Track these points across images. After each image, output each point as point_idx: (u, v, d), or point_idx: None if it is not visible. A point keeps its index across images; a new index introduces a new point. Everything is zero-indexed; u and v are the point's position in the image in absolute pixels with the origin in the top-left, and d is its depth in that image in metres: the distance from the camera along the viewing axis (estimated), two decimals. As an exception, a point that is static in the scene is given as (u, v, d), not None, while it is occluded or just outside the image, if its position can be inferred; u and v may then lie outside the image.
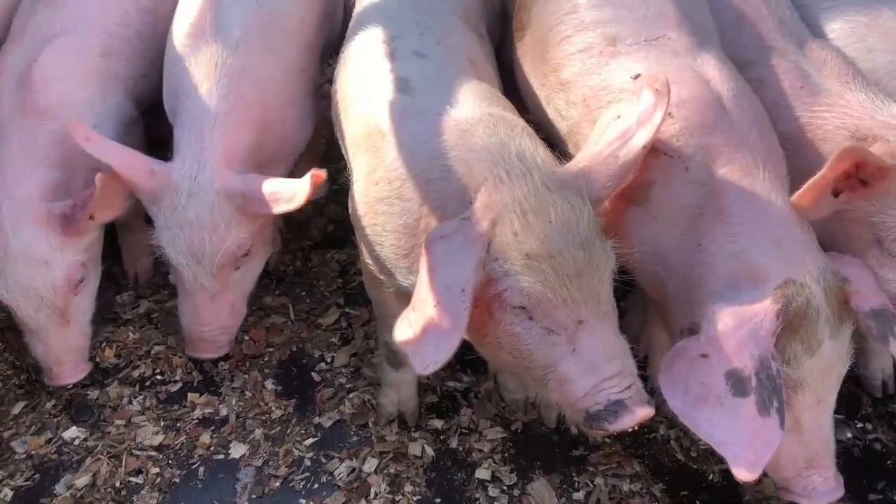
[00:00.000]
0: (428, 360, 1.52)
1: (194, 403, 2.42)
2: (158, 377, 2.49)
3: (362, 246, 2.01)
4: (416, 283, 1.61)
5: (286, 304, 2.68)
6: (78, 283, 2.21)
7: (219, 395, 2.44)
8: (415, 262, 1.74)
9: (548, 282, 1.55)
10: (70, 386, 2.39)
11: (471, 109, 1.82)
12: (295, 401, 2.42)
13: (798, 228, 1.73)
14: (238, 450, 2.29)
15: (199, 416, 2.38)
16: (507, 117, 1.81)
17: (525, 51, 2.24)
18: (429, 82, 1.94)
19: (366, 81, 2.03)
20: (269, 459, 2.27)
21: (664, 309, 1.89)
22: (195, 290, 2.18)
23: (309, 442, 2.31)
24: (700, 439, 1.64)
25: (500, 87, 2.14)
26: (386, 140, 1.87)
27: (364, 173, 1.92)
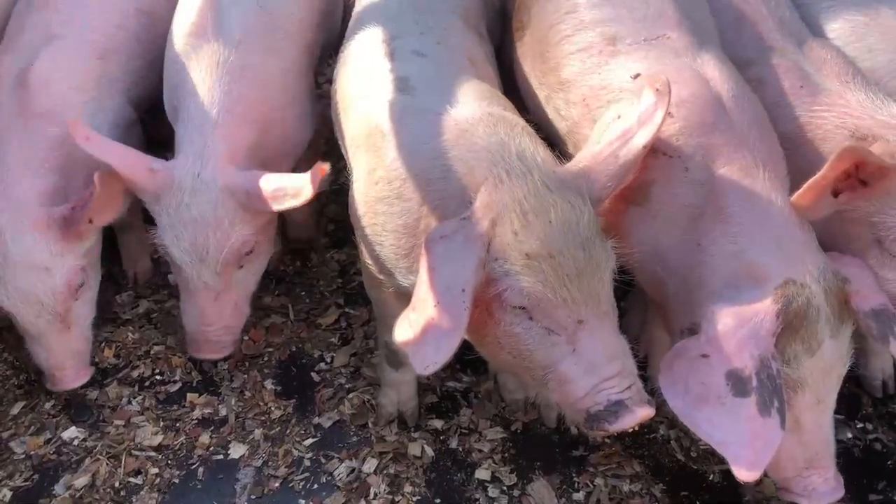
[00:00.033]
0: (428, 360, 1.52)
1: (194, 404, 2.41)
2: (158, 377, 2.48)
3: (362, 246, 2.01)
4: (415, 283, 1.61)
5: (286, 304, 2.68)
6: (78, 287, 2.20)
7: (218, 395, 2.44)
8: (415, 262, 1.74)
9: (548, 282, 1.55)
10: (70, 387, 2.38)
11: (471, 109, 1.81)
12: (294, 401, 2.42)
13: (798, 228, 1.73)
14: (237, 450, 2.29)
15: (199, 417, 2.37)
16: (508, 117, 1.81)
17: (525, 50, 2.24)
18: (429, 82, 1.94)
19: (366, 81, 2.03)
20: (269, 460, 2.27)
21: (664, 309, 1.88)
22: (198, 289, 2.16)
23: (308, 442, 2.31)
24: (700, 439, 1.64)
25: (501, 87, 2.13)
26: (386, 140, 1.86)
27: (364, 173, 1.92)
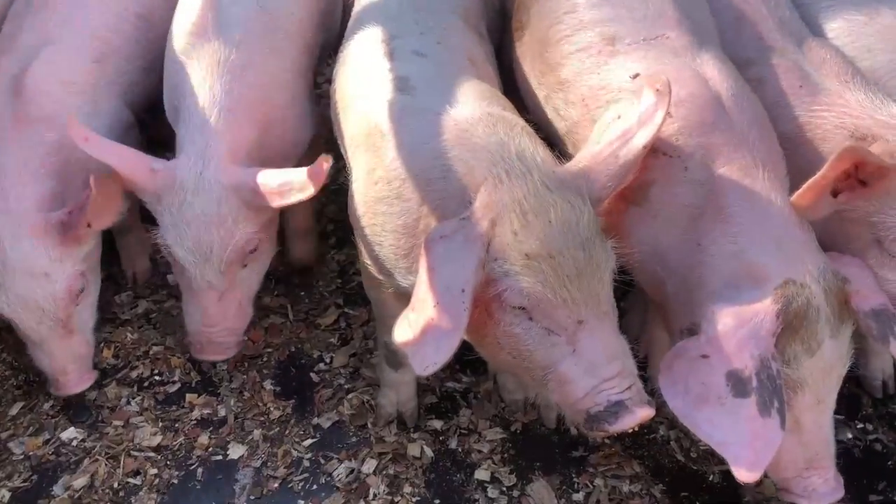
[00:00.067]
0: (427, 360, 1.52)
1: (193, 404, 2.41)
2: (157, 378, 2.48)
3: (361, 246, 2.01)
4: (415, 283, 1.61)
5: (285, 305, 2.68)
6: (79, 293, 2.19)
7: (217, 395, 2.43)
8: (414, 263, 1.74)
9: (547, 282, 1.55)
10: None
11: (470, 109, 1.81)
12: (294, 401, 2.41)
13: (798, 228, 1.73)
14: (236, 450, 2.28)
15: (198, 417, 2.37)
16: (507, 117, 1.81)
17: (524, 50, 2.24)
18: (429, 82, 1.94)
19: (365, 81, 2.02)
20: (268, 460, 2.26)
21: (664, 309, 1.88)
22: (202, 289, 2.14)
23: (308, 443, 2.31)
24: (700, 440, 1.63)
25: (500, 87, 2.13)
26: (385, 140, 1.86)
27: (363, 173, 1.91)
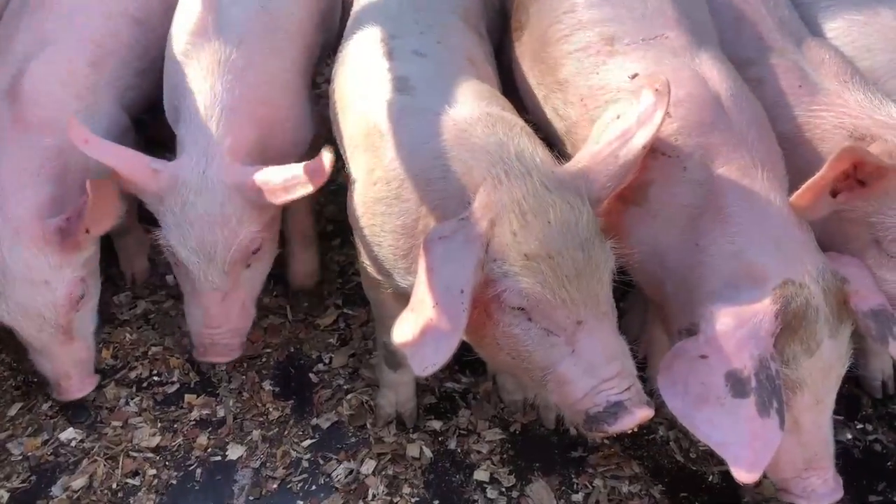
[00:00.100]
0: (427, 361, 1.51)
1: (191, 405, 2.41)
2: (155, 378, 2.48)
3: (360, 246, 2.00)
4: (414, 283, 1.60)
5: (284, 305, 2.67)
6: (79, 299, 2.18)
7: (216, 396, 2.43)
8: (413, 263, 1.74)
9: (547, 283, 1.55)
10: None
11: (470, 109, 1.81)
12: (293, 402, 2.41)
13: (797, 228, 1.73)
14: (235, 451, 2.28)
15: (197, 418, 2.37)
16: (506, 117, 1.81)
17: (523, 50, 2.24)
18: (428, 82, 1.93)
19: (364, 80, 2.02)
20: (267, 461, 2.26)
21: (663, 309, 1.88)
22: (205, 290, 2.12)
23: (307, 443, 2.31)
24: (699, 440, 1.63)
25: (500, 87, 2.13)
26: (384, 140, 1.86)
27: (362, 173, 1.91)
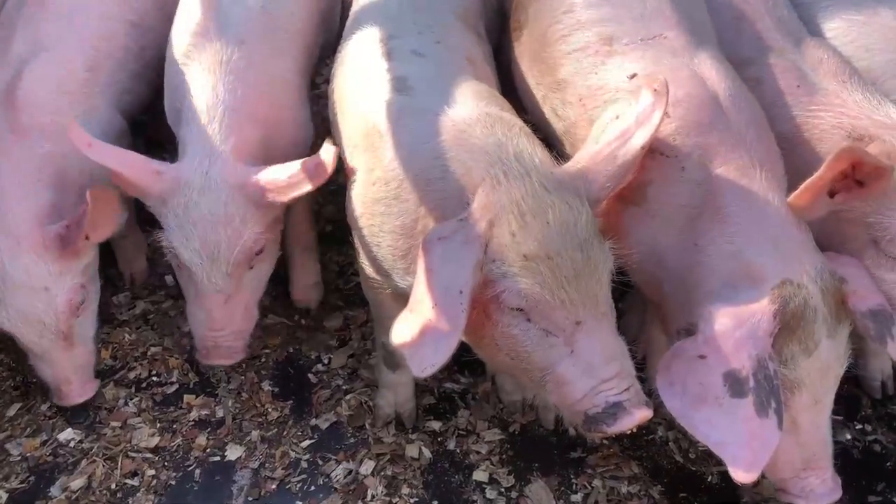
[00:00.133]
0: (426, 362, 1.51)
1: (190, 405, 2.41)
2: (154, 379, 2.48)
3: (359, 247, 2.00)
4: (413, 284, 1.60)
5: (283, 305, 2.67)
6: (79, 305, 2.18)
7: (215, 396, 2.43)
8: (412, 264, 1.74)
9: (546, 283, 1.55)
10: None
11: (468, 109, 1.81)
12: (291, 402, 2.41)
13: (795, 228, 1.73)
14: (234, 452, 2.28)
15: (196, 418, 2.37)
16: (505, 117, 1.80)
17: (522, 50, 2.24)
18: (427, 82, 1.93)
19: (363, 81, 2.02)
20: (266, 461, 2.26)
21: (661, 310, 1.88)
22: (208, 292, 2.10)
23: (305, 444, 2.30)
24: (699, 441, 1.63)
25: (499, 87, 2.13)
26: (384, 140, 1.86)
27: (362, 173, 1.91)
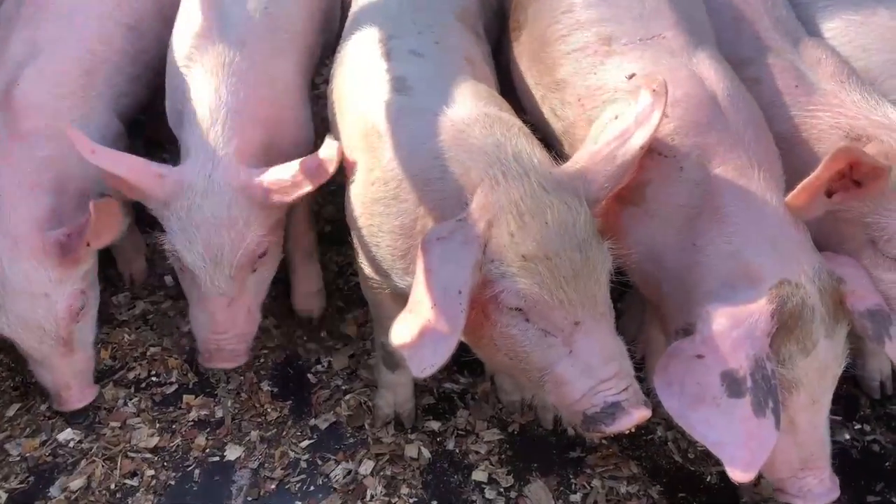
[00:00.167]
0: (425, 362, 1.52)
1: (190, 405, 2.41)
2: (154, 379, 2.48)
3: (358, 247, 2.01)
4: (412, 284, 1.61)
5: (283, 305, 2.67)
6: (79, 310, 2.18)
7: (214, 396, 2.43)
8: (411, 264, 1.74)
9: (544, 283, 1.55)
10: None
11: (467, 109, 1.81)
12: (291, 402, 2.41)
13: (793, 228, 1.73)
14: (234, 452, 2.28)
15: (195, 418, 2.37)
16: (504, 117, 1.81)
17: (521, 50, 2.24)
18: (426, 82, 1.93)
19: (363, 81, 2.02)
20: (265, 461, 2.26)
21: (660, 310, 1.88)
22: (211, 295, 2.09)
23: (305, 444, 2.31)
24: (698, 441, 1.63)
25: (498, 87, 2.13)
26: (383, 140, 1.86)
27: (361, 173, 1.91)
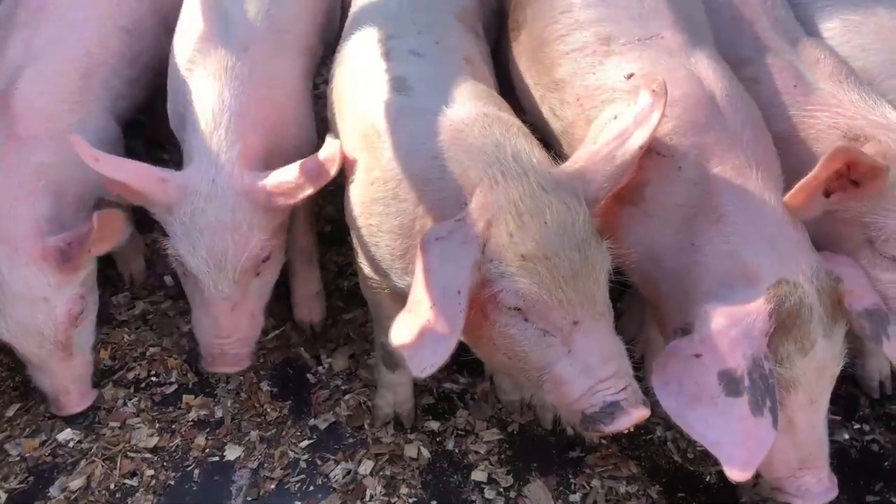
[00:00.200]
0: (424, 362, 1.52)
1: (189, 405, 2.41)
2: (153, 379, 2.48)
3: (358, 247, 2.01)
4: (411, 284, 1.61)
5: (282, 306, 2.68)
6: (78, 315, 2.18)
7: (214, 396, 2.43)
8: (410, 264, 1.74)
9: (543, 283, 1.55)
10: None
11: (467, 109, 1.81)
12: (290, 402, 2.41)
13: (791, 228, 1.73)
14: (233, 452, 2.28)
15: (195, 418, 2.37)
16: (503, 117, 1.81)
17: (520, 50, 2.24)
18: (426, 82, 1.94)
19: (362, 81, 2.02)
20: (265, 461, 2.26)
21: (658, 309, 1.88)
22: (215, 300, 2.08)
23: (304, 444, 2.31)
24: (697, 440, 1.63)
25: (497, 87, 2.13)
26: (382, 140, 1.86)
27: (360, 173, 1.92)
